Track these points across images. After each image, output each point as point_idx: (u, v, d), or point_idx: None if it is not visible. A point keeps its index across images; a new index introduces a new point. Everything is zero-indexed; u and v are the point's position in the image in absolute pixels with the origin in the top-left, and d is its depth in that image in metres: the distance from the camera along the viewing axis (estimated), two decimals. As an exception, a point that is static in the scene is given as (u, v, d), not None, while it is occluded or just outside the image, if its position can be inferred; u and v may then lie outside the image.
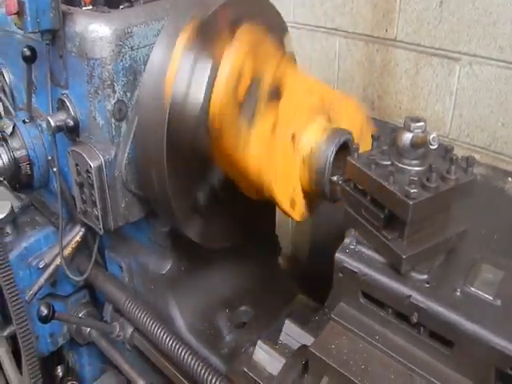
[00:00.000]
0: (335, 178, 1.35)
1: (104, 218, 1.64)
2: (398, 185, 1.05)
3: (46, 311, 1.70)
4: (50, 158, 1.81)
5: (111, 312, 2.05)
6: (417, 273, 1.09)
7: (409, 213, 1.01)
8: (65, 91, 1.64)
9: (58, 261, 1.94)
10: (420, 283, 1.08)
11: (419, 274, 1.09)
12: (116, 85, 1.54)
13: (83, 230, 1.93)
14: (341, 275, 1.18)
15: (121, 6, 1.74)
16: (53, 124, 1.61)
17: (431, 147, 1.11)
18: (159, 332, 1.74)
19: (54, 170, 1.78)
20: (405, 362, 1.08)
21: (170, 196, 1.54)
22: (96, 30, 1.49)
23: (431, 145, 1.11)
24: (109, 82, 1.53)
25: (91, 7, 1.74)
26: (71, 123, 1.60)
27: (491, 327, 0.97)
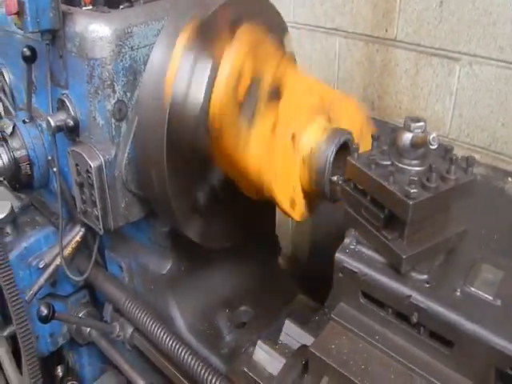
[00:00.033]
0: (335, 178, 1.35)
1: (104, 218, 1.64)
2: (398, 185, 1.05)
3: (45, 311, 1.70)
4: (49, 158, 1.81)
5: (111, 312, 2.05)
6: (417, 273, 1.09)
7: (409, 213, 1.01)
8: (65, 91, 1.64)
9: (57, 261, 1.94)
10: (420, 283, 1.08)
11: (419, 274, 1.09)
12: (116, 85, 1.54)
13: (83, 230, 1.93)
14: (341, 275, 1.18)
15: (121, 6, 1.74)
16: (53, 124, 1.61)
17: (431, 147, 1.11)
18: (159, 332, 1.74)
19: (54, 170, 1.78)
20: (405, 362, 1.08)
21: (169, 196, 1.54)
22: (96, 30, 1.49)
23: (431, 145, 1.11)
24: (109, 82, 1.53)
25: (91, 7, 1.74)
26: (71, 123, 1.60)
27: (491, 327, 0.97)
